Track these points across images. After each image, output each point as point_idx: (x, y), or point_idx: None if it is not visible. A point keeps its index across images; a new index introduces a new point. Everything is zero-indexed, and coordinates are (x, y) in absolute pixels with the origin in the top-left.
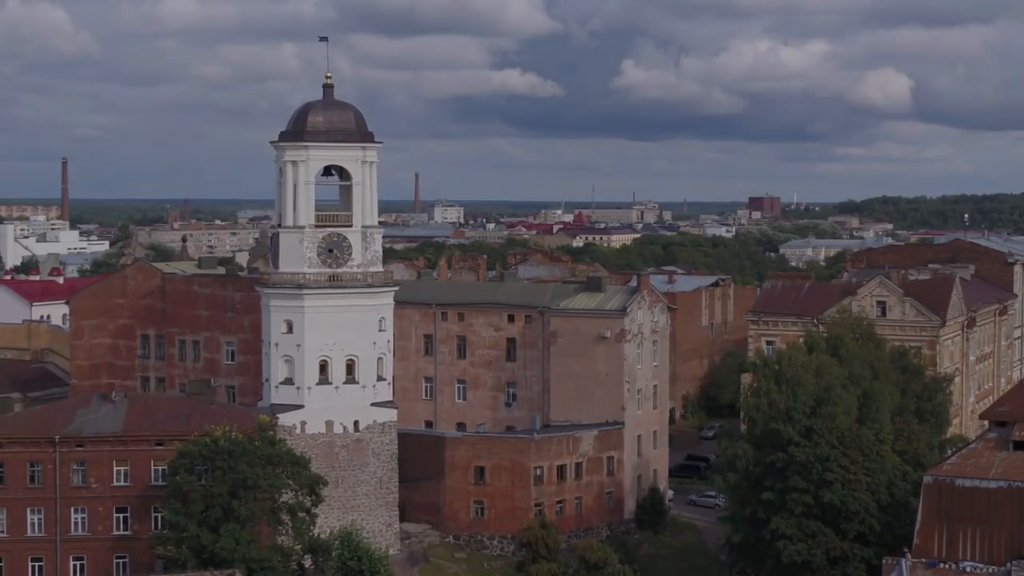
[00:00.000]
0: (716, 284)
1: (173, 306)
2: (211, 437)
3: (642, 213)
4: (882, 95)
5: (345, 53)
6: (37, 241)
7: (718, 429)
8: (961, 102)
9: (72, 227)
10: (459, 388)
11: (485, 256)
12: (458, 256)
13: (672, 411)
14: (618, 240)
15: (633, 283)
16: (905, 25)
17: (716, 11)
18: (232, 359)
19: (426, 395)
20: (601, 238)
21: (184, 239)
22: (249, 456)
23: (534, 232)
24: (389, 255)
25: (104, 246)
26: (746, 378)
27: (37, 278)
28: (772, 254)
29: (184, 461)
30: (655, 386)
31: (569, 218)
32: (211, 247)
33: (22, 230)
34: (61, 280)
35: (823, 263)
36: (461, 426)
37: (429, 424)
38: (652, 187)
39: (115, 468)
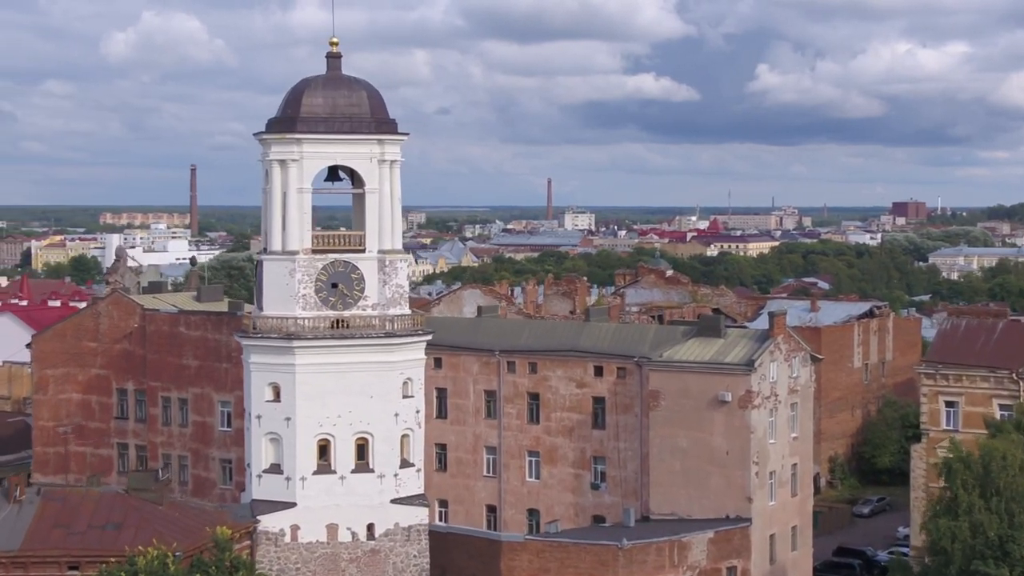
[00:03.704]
0: (870, 314)
1: (155, 353)
2: (131, 568)
3: (781, 219)
4: None
5: (477, 60)
6: (144, 251)
7: (876, 504)
8: None
9: (200, 234)
10: (530, 462)
11: (584, 279)
12: (551, 278)
13: (816, 477)
14: (755, 248)
15: (763, 318)
16: None
17: (851, 13)
18: (227, 424)
19: (488, 471)
20: (737, 246)
21: (192, 261)
22: None
23: (666, 240)
24: (508, 266)
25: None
26: (919, 451)
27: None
28: (921, 264)
29: None
30: (794, 465)
31: (704, 224)
32: None
33: (143, 238)
34: (83, 305)
35: (979, 274)
36: (533, 513)
37: (492, 509)
38: (790, 192)
39: None
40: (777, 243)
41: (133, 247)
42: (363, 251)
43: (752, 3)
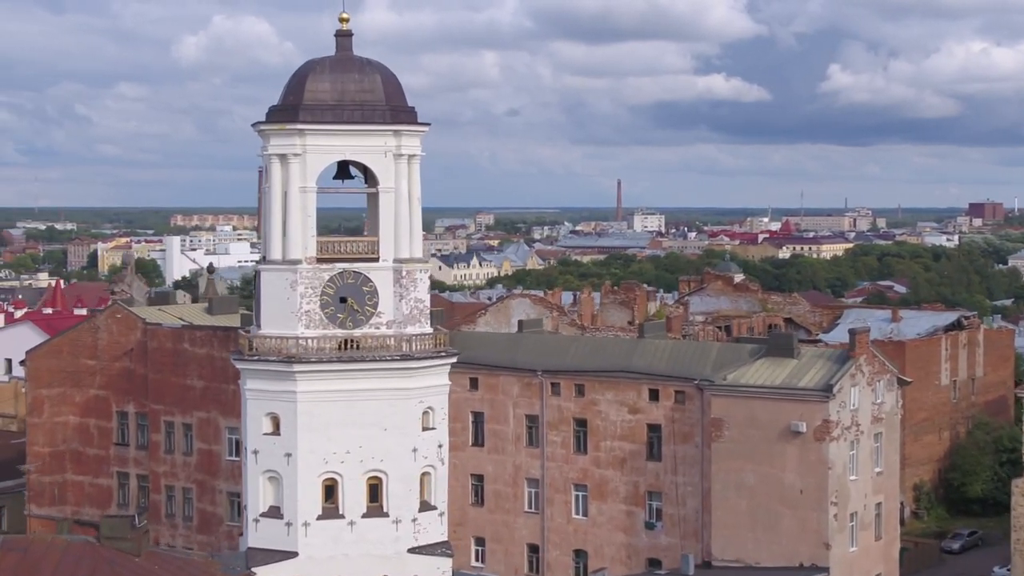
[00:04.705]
0: (958, 325)
1: (157, 372)
2: None
3: (854, 220)
4: None
5: (546, 61)
6: (205, 254)
7: (967, 539)
8: None
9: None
10: (577, 497)
11: (645, 286)
12: (608, 285)
13: (900, 507)
14: (828, 250)
15: (840, 329)
16: None
17: (924, 11)
18: (235, 453)
19: (529, 506)
20: (810, 248)
21: (210, 269)
22: None
23: (736, 242)
24: (573, 269)
25: None
26: (1020, 487)
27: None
28: (1001, 266)
29: None
30: (878, 504)
31: (776, 226)
32: None
33: (207, 240)
34: None
35: None
36: (580, 555)
37: (534, 549)
38: (864, 193)
39: None
40: (851, 245)
41: (194, 249)
42: (376, 260)
43: (823, 2)
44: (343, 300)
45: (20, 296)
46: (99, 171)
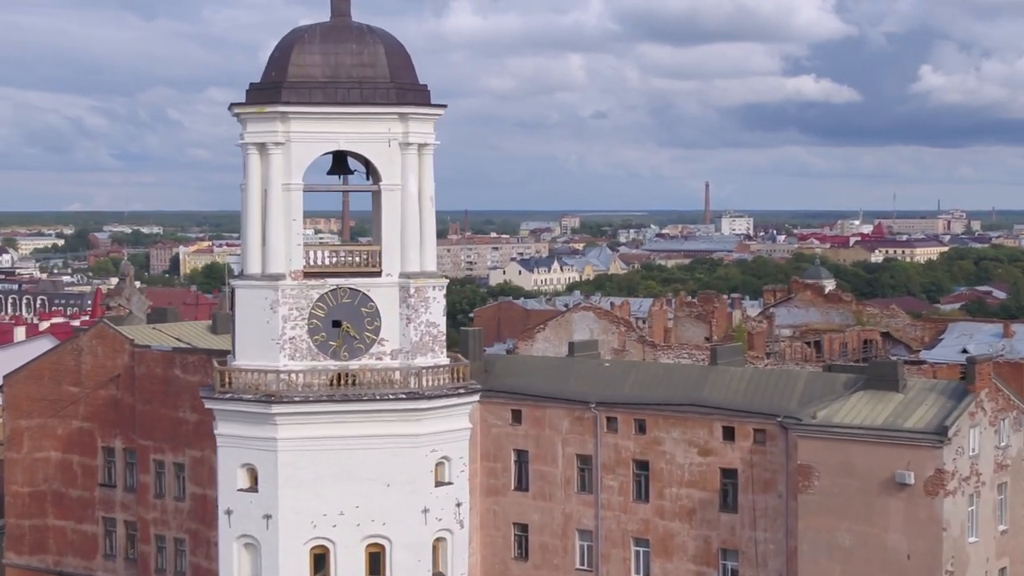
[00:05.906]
0: None
1: (146, 402)
2: None
3: (948, 223)
4: None
5: (633, 63)
6: None
7: None
8: None
9: (352, 240)
10: (637, 554)
11: (725, 296)
12: (683, 296)
13: None
14: (922, 254)
15: (945, 346)
16: None
17: (1017, 10)
18: None
19: (582, 562)
20: (903, 251)
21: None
22: None
23: (827, 245)
24: (656, 274)
25: None
26: None
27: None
28: None
29: None
30: (1002, 570)
31: (868, 229)
32: (470, 264)
33: None
34: None
35: None
36: None
37: None
38: (957, 195)
39: None
40: (946, 248)
41: None
42: (379, 274)
43: (914, 2)
44: (336, 324)
45: (88, 302)
46: (190, 175)
